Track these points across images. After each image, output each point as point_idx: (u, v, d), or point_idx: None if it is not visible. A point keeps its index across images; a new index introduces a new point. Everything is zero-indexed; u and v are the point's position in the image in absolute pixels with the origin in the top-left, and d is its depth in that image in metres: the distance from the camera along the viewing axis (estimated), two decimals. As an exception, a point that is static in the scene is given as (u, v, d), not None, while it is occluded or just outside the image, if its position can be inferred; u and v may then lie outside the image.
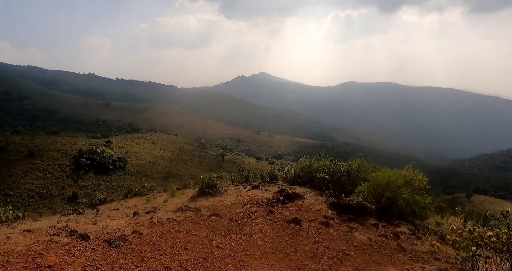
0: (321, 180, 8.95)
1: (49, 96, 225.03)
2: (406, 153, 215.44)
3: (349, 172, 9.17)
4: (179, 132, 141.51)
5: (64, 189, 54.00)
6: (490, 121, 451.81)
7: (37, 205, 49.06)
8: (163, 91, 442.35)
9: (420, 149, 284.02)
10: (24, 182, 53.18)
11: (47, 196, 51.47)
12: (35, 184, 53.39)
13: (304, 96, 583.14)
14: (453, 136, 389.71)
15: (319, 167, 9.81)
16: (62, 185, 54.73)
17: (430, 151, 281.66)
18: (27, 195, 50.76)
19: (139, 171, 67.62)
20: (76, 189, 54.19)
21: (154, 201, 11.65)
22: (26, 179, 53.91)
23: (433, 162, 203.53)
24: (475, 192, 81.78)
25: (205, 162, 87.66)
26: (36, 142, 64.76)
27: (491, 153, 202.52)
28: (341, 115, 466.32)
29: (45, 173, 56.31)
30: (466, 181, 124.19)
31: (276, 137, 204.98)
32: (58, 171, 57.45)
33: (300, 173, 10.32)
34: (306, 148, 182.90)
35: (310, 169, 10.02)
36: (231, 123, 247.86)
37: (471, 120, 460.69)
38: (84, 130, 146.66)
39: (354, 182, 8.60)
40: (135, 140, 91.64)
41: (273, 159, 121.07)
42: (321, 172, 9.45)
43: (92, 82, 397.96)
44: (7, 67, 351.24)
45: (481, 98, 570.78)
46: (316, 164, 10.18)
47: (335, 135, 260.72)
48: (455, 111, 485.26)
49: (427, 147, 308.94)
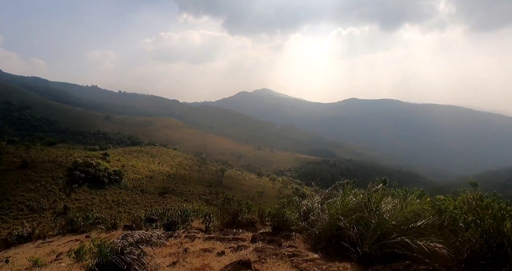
0: None
1: (50, 107, 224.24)
2: (410, 170, 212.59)
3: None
4: (179, 146, 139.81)
5: (56, 203, 51.60)
6: (493, 138, 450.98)
7: (25, 219, 46.64)
8: (165, 105, 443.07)
9: (423, 165, 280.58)
10: (15, 193, 50.83)
11: (37, 209, 49.02)
12: (25, 196, 51.03)
13: (306, 112, 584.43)
14: (456, 153, 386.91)
15: (408, 217, 4.54)
16: (54, 198, 52.37)
17: (433, 168, 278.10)
18: (17, 207, 48.35)
19: (135, 185, 65.27)
20: (68, 203, 51.77)
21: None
22: (16, 190, 51.58)
23: (437, 179, 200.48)
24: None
25: (204, 177, 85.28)
26: (30, 153, 62.68)
27: (495, 170, 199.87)
28: (343, 131, 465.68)
29: (37, 185, 54.00)
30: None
31: (278, 153, 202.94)
32: (50, 184, 55.15)
33: (350, 228, 4.73)
34: (308, 165, 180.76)
35: (380, 224, 4.47)
36: (232, 138, 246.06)
37: (473, 137, 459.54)
38: (84, 142, 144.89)
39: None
40: (133, 154, 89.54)
41: (274, 175, 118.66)
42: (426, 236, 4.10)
43: (95, 94, 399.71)
44: (11, 77, 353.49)
45: (483, 115, 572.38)
46: (403, 207, 4.74)
47: (337, 151, 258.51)
48: (458, 128, 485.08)
49: (430, 164, 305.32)
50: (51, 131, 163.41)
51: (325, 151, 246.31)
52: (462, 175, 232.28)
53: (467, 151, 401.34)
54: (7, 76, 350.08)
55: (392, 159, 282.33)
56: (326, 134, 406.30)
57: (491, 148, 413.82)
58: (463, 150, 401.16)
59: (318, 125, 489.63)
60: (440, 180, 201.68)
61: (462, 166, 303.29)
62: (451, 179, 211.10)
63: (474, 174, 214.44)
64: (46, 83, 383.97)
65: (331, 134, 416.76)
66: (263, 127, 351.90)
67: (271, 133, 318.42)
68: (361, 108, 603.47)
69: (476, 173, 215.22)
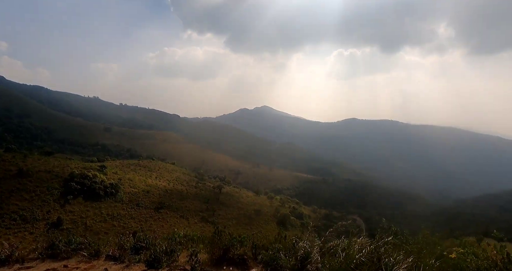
0: None
1: (50, 116, 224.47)
2: (409, 191, 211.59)
3: None
4: (178, 161, 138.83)
5: (50, 214, 50.57)
6: (492, 161, 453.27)
7: (18, 229, 45.65)
8: (165, 119, 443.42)
9: (422, 187, 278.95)
10: (8, 202, 49.87)
11: (30, 220, 47.99)
12: (19, 205, 50.06)
13: (305, 131, 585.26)
14: (455, 174, 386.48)
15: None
16: (48, 209, 51.37)
17: (432, 189, 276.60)
18: (9, 217, 47.31)
19: (131, 199, 64.28)
20: (62, 215, 50.77)
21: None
22: (10, 199, 50.64)
23: (436, 201, 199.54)
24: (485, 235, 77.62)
25: (201, 193, 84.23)
26: (27, 162, 62.01)
27: (495, 193, 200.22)
28: (343, 151, 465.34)
29: (31, 194, 53.09)
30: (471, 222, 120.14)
31: (276, 171, 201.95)
32: (45, 194, 54.24)
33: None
34: (306, 183, 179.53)
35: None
36: (231, 155, 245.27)
37: (472, 159, 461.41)
38: (82, 153, 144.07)
39: None
40: (131, 167, 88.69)
41: (272, 193, 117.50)
42: None
43: (96, 105, 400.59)
44: (13, 84, 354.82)
45: (482, 137, 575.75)
46: None
47: (336, 170, 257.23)
48: (457, 150, 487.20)
49: (429, 185, 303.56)
50: (50, 140, 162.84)
51: (324, 170, 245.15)
52: (461, 197, 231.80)
53: (466, 172, 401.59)
54: (10, 84, 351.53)
55: (391, 180, 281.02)
56: (325, 153, 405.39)
57: (490, 170, 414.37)
58: (462, 172, 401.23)
59: (318, 144, 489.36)
60: (439, 201, 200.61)
61: (461, 188, 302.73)
62: (450, 201, 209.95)
63: (474, 196, 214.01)
64: (48, 92, 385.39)
65: (330, 153, 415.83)
66: (262, 145, 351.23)
67: (270, 151, 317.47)
68: (360, 128, 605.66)
69: (475, 196, 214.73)
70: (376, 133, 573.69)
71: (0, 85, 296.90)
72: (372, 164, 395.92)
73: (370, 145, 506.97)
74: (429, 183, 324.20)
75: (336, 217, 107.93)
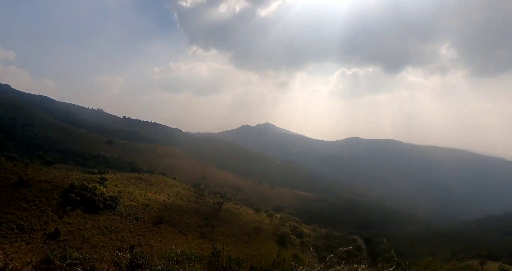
0: None
1: (53, 126, 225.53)
2: (410, 211, 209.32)
3: None
4: (179, 176, 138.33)
5: (47, 224, 49.96)
6: (495, 182, 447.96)
7: (14, 239, 44.99)
8: (167, 133, 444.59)
9: (424, 208, 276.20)
10: (6, 211, 49.34)
11: (27, 229, 47.33)
12: (17, 214, 49.52)
13: (307, 149, 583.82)
14: (458, 196, 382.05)
15: None
16: (46, 220, 50.77)
17: (435, 210, 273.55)
18: (7, 226, 46.70)
19: (130, 213, 63.60)
20: (60, 226, 50.13)
21: None
22: (9, 208, 50.13)
23: (438, 222, 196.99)
24: (488, 258, 76.02)
25: (201, 209, 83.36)
26: (28, 171, 61.78)
27: (498, 216, 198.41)
28: (344, 170, 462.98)
29: (30, 204, 52.59)
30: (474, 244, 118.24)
31: (277, 189, 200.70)
32: (44, 204, 53.74)
33: None
34: (307, 202, 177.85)
35: None
36: (232, 171, 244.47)
37: (475, 180, 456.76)
38: (83, 164, 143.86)
39: None
40: (131, 180, 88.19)
41: (272, 211, 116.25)
42: None
43: (99, 117, 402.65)
44: (18, 93, 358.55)
45: (484, 158, 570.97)
46: None
47: (337, 189, 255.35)
48: (459, 171, 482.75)
49: (431, 206, 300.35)
50: (52, 150, 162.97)
51: (325, 189, 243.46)
52: (464, 218, 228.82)
53: (468, 194, 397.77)
54: (15, 93, 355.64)
55: (393, 200, 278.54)
56: (327, 172, 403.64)
57: (493, 192, 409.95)
58: (464, 193, 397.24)
59: (319, 162, 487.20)
60: (441, 223, 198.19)
61: (464, 210, 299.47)
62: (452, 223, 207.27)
63: (477, 218, 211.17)
64: (52, 103, 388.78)
65: (332, 172, 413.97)
66: (264, 162, 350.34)
67: (272, 168, 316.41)
68: (363, 147, 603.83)
69: (478, 218, 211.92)
70: (378, 152, 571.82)
71: (5, 93, 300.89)
72: (374, 183, 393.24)
73: (372, 165, 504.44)
74: (431, 204, 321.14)
75: (337, 236, 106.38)
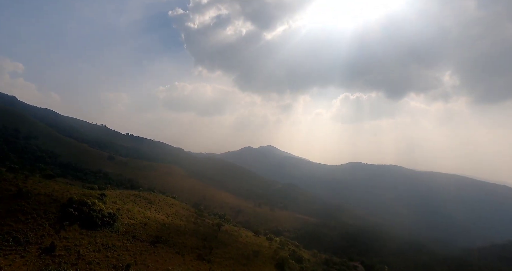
0: None
1: (56, 140, 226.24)
2: (412, 238, 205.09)
3: None
4: (179, 195, 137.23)
5: (43, 238, 48.89)
6: (497, 210, 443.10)
7: (9, 251, 43.94)
8: (169, 152, 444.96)
9: (426, 234, 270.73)
10: (3, 223, 48.47)
11: (23, 242, 46.31)
12: (13, 226, 48.60)
13: (309, 173, 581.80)
14: (460, 223, 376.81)
15: None
16: (42, 233, 49.73)
17: (437, 237, 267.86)
18: (2, 237, 45.77)
19: (127, 230, 62.39)
20: (56, 240, 49.06)
21: None
22: (5, 220, 49.28)
23: (440, 250, 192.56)
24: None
25: (200, 230, 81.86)
26: (28, 183, 61.28)
27: (501, 244, 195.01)
28: (346, 195, 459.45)
29: (27, 217, 51.74)
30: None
31: (278, 212, 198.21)
32: (41, 217, 52.84)
33: None
34: (307, 226, 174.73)
35: None
36: (233, 193, 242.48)
37: (477, 207, 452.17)
38: (83, 179, 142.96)
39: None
40: (131, 197, 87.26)
41: (271, 234, 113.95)
42: None
43: (102, 133, 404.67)
44: (24, 106, 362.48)
45: (487, 185, 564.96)
46: None
47: (338, 214, 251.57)
48: (461, 198, 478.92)
49: (433, 233, 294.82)
50: (53, 163, 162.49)
51: (326, 213, 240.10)
52: (466, 246, 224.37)
53: (471, 221, 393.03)
54: (21, 105, 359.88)
55: (394, 226, 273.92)
56: (328, 196, 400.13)
57: (496, 220, 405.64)
58: (467, 220, 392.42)
59: (321, 186, 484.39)
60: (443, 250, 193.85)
61: (466, 237, 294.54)
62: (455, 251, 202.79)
63: (479, 246, 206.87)
64: (56, 116, 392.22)
65: (333, 196, 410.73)
66: (265, 184, 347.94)
67: (273, 191, 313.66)
68: (364, 172, 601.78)
69: (480, 245, 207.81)
70: (380, 178, 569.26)
71: (11, 105, 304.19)
72: (375, 209, 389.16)
73: (374, 190, 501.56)
74: (433, 230, 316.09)
75: (337, 263, 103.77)
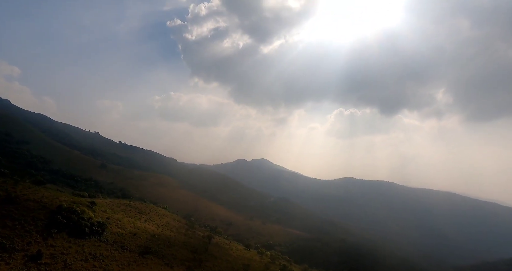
0: None
1: (48, 145, 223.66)
2: (404, 255, 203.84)
3: None
4: (170, 206, 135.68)
5: (30, 245, 47.72)
6: (489, 227, 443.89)
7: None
8: (162, 162, 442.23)
9: (418, 251, 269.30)
10: (-11, 229, 47.43)
11: (8, 249, 45.12)
12: (0, 232, 47.52)
13: (302, 187, 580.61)
14: (451, 240, 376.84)
15: None
16: (29, 240, 48.57)
17: (428, 254, 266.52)
18: (-13, 244, 44.67)
19: (116, 240, 61.26)
20: (43, 248, 47.91)
21: None
22: (-8, 226, 48.24)
23: (432, 267, 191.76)
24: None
25: (190, 242, 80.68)
26: (17, 189, 60.21)
27: (493, 262, 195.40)
28: (338, 210, 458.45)
29: (15, 223, 50.60)
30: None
31: (269, 226, 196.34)
32: (29, 224, 51.72)
33: None
34: (299, 241, 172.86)
35: None
36: (224, 205, 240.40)
37: (469, 225, 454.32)
38: (74, 186, 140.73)
39: None
40: (121, 206, 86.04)
41: (262, 248, 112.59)
42: None
43: (95, 141, 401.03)
44: (17, 110, 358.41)
45: (479, 203, 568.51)
46: None
47: (330, 229, 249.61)
48: (453, 215, 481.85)
49: (425, 250, 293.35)
50: (44, 169, 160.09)
51: (319, 228, 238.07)
52: (457, 263, 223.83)
53: (462, 239, 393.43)
54: (14, 109, 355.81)
55: (386, 242, 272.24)
56: (320, 211, 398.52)
57: (487, 238, 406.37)
58: (458, 238, 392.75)
59: (313, 201, 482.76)
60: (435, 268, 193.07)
61: (457, 255, 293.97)
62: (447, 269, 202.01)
63: (471, 264, 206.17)
64: (50, 122, 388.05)
65: (325, 211, 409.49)
66: (257, 197, 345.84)
67: (265, 205, 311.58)
68: (357, 188, 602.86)
69: (472, 263, 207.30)
70: (372, 193, 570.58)
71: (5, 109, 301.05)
72: (367, 225, 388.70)
73: (366, 206, 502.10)
74: (425, 247, 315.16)
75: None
